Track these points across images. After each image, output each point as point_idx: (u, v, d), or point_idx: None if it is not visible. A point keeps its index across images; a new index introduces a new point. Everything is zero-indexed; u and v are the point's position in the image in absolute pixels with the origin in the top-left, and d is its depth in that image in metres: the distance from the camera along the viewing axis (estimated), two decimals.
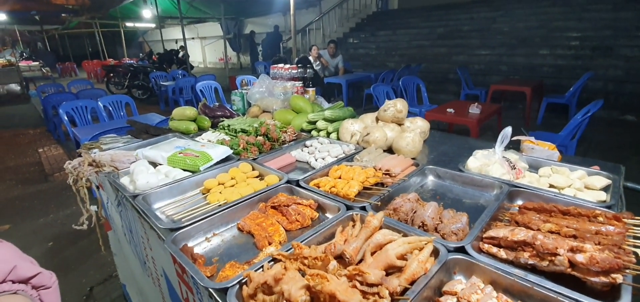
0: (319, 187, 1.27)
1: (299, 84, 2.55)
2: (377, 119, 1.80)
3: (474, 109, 4.02)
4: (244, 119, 2.14)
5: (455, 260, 0.83)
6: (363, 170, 1.31)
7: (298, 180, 1.31)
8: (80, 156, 1.66)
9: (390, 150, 1.65)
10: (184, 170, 1.49)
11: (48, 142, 6.21)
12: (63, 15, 14.24)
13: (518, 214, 1.00)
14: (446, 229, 0.95)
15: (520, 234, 0.82)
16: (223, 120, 2.14)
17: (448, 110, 4.13)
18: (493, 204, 1.07)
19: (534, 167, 1.39)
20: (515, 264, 0.82)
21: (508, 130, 1.34)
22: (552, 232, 0.86)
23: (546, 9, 8.08)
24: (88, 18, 14.77)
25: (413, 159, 1.51)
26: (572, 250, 0.73)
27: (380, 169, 1.33)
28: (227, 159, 1.60)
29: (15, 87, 10.34)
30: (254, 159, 1.59)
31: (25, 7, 11.25)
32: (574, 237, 0.83)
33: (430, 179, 1.40)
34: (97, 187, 1.88)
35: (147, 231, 1.25)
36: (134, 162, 1.51)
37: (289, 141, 1.85)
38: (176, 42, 16.44)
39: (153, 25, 17.29)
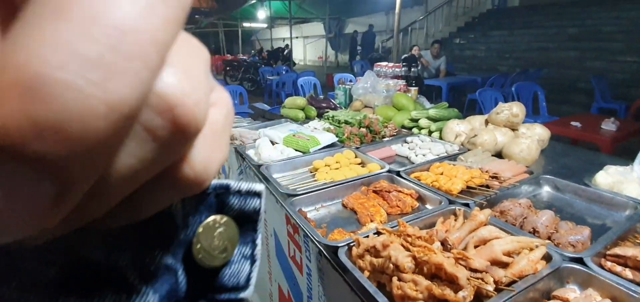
0: (419, 180, 1.31)
1: (402, 82, 2.58)
2: (487, 122, 1.72)
3: (609, 125, 3.37)
4: (347, 111, 2.29)
5: (571, 269, 0.79)
6: (467, 170, 1.30)
7: (399, 171, 1.38)
8: None
9: (498, 156, 1.57)
10: (296, 150, 1.71)
11: None
12: (196, 16, 17.08)
13: None
14: (562, 239, 0.89)
15: None
16: (327, 112, 2.33)
17: (572, 123, 3.57)
18: (624, 224, 0.95)
19: None
20: None
21: None
22: None
23: None
24: (216, 19, 17.33)
25: (527, 167, 1.42)
26: None
27: (487, 172, 1.30)
28: (332, 145, 1.77)
29: None
30: (357, 148, 1.72)
31: None
32: None
33: (546, 189, 1.29)
34: None
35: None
36: (258, 139, 1.79)
37: (390, 136, 1.92)
38: (283, 41, 17.92)
39: (265, 25, 19.20)
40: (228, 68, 11.91)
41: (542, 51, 8.22)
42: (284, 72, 9.63)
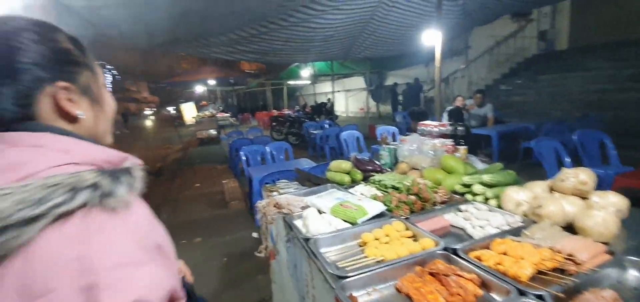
0: (480, 260, 1.21)
1: (449, 141, 2.51)
2: (551, 189, 1.58)
3: None
4: (393, 174, 2.25)
5: None
6: (535, 249, 1.18)
7: (456, 248, 1.29)
8: (251, 188, 2.11)
9: (568, 229, 1.41)
10: (343, 220, 1.69)
11: (229, 176, 7.90)
12: (248, 78, 18.88)
13: None
14: None
15: None
16: (373, 175, 2.31)
17: None
18: None
19: None
20: None
21: None
22: None
23: None
24: (264, 79, 19.03)
25: (605, 244, 1.25)
26: None
27: (559, 252, 1.16)
28: (380, 215, 1.72)
29: (213, 132, 13.92)
30: (406, 218, 1.65)
31: (226, 74, 15.85)
32: None
33: (633, 274, 1.12)
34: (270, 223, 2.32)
35: (313, 271, 1.46)
36: (305, 207, 1.81)
37: (440, 203, 1.83)
38: (326, 95, 18.68)
39: (309, 82, 20.33)
40: (274, 123, 12.58)
41: (600, 93, 7.61)
42: (327, 126, 9.89)
